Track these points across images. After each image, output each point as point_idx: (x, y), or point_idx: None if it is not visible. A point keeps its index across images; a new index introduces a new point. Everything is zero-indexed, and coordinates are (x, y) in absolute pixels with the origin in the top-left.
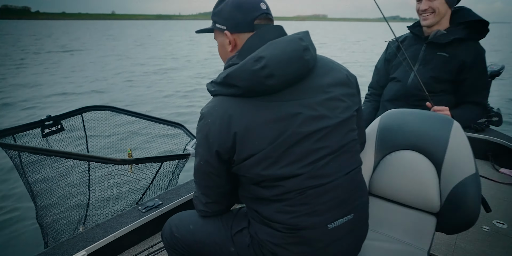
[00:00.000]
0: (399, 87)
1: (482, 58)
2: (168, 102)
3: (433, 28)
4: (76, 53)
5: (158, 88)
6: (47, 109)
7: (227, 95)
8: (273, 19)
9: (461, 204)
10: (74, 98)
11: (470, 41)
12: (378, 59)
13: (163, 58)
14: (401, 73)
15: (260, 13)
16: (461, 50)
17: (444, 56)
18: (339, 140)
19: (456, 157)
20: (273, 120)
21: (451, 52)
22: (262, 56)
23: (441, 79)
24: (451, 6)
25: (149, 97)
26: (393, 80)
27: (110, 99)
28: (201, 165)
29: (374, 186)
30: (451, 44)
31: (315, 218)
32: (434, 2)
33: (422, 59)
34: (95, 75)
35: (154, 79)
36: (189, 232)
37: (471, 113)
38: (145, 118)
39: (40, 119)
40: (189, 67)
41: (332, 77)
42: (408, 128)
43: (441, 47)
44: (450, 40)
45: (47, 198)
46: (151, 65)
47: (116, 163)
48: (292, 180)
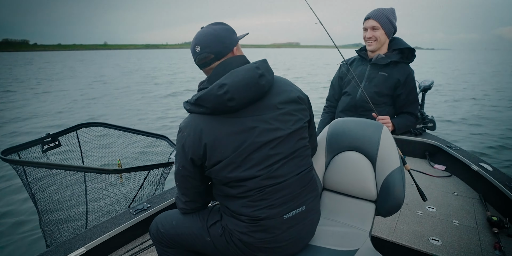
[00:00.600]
0: (350, 100)
1: (412, 78)
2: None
3: (375, 52)
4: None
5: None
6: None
7: (199, 113)
8: (207, 56)
9: (391, 191)
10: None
11: (402, 64)
12: (333, 76)
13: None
14: (351, 88)
15: (196, 55)
16: (396, 71)
17: (384, 75)
18: (291, 147)
19: (386, 154)
20: (235, 133)
21: (389, 72)
22: (224, 83)
23: (382, 93)
24: (389, 36)
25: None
26: (345, 94)
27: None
28: (179, 170)
29: (327, 181)
30: (388, 66)
31: (272, 210)
32: (376, 32)
33: (367, 77)
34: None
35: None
36: (172, 227)
37: (407, 121)
38: (132, 131)
39: (40, 137)
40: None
41: (285, 96)
42: (350, 133)
43: (381, 67)
44: (388, 62)
45: (49, 205)
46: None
47: (108, 172)
48: (252, 181)
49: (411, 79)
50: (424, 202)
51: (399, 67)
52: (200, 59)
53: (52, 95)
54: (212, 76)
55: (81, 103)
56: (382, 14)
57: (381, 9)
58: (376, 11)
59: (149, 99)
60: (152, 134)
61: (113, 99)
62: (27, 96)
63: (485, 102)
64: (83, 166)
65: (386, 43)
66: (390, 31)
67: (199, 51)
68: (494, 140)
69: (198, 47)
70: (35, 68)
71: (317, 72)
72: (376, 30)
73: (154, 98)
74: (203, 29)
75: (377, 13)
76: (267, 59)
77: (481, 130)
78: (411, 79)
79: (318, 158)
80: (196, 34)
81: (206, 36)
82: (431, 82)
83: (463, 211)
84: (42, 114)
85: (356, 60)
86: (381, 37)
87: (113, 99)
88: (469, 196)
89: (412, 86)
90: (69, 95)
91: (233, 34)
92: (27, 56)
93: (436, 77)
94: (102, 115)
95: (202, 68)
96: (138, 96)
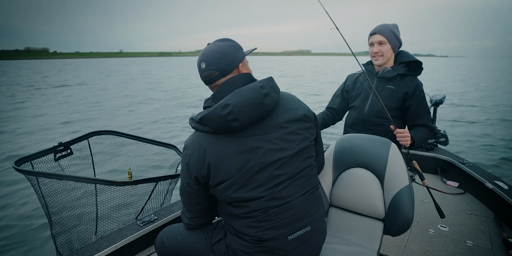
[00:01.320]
0: (357, 114)
1: (421, 89)
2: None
3: (382, 66)
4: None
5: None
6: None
7: (203, 131)
8: (212, 73)
9: (399, 210)
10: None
11: (409, 76)
12: (337, 88)
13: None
14: (359, 103)
15: (202, 72)
16: (404, 83)
17: (391, 88)
18: (296, 167)
19: (394, 171)
20: (239, 153)
21: (396, 85)
22: (228, 103)
23: (390, 107)
24: (395, 51)
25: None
26: (352, 108)
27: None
28: (184, 187)
29: (334, 198)
30: (395, 79)
31: (276, 232)
32: (383, 47)
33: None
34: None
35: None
36: (177, 242)
37: (423, 133)
38: (142, 140)
39: (53, 146)
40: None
41: (291, 115)
42: (357, 150)
43: (388, 81)
44: (395, 75)
45: (61, 214)
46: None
47: (117, 184)
48: (256, 201)
49: (420, 90)
50: (436, 220)
51: (406, 80)
52: (205, 76)
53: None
54: (217, 94)
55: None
56: (387, 29)
57: (385, 24)
58: (381, 26)
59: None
60: (161, 143)
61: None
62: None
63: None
64: (94, 178)
65: (392, 57)
66: (396, 46)
67: (204, 67)
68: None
69: (203, 64)
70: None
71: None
72: (383, 45)
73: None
74: (209, 46)
75: (382, 28)
76: (282, 64)
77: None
78: (420, 90)
79: (325, 174)
80: (202, 50)
81: (211, 53)
82: (443, 96)
83: (477, 231)
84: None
85: (363, 74)
86: (387, 52)
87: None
88: (484, 215)
89: (422, 97)
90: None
91: (239, 51)
92: (56, 63)
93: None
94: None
95: (207, 85)
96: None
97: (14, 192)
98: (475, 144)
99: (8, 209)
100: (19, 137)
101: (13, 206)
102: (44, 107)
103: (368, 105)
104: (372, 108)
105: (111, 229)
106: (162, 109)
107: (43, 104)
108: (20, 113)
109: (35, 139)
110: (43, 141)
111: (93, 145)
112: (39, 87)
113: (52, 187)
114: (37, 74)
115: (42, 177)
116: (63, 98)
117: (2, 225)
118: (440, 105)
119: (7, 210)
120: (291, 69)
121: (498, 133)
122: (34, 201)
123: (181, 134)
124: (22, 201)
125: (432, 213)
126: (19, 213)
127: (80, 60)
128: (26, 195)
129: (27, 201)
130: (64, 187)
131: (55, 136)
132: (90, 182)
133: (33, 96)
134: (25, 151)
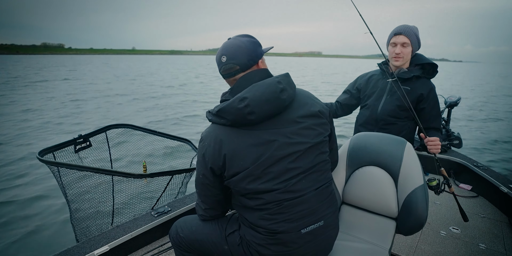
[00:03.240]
0: (370, 113)
1: (434, 93)
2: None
3: (399, 67)
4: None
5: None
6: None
7: (220, 124)
8: (232, 67)
9: (413, 210)
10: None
11: (424, 79)
12: (348, 84)
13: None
14: (372, 101)
15: (221, 67)
16: (419, 85)
17: (406, 89)
18: (310, 161)
19: (409, 171)
20: (255, 145)
21: (411, 86)
22: (245, 96)
23: (404, 107)
24: (413, 53)
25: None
26: (364, 107)
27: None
28: (200, 178)
29: (346, 196)
30: (410, 80)
31: (290, 224)
32: (406, 49)
33: (389, 90)
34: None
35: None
36: (191, 232)
37: (438, 137)
38: (157, 134)
39: (73, 138)
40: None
41: (306, 110)
42: (371, 148)
43: (403, 81)
44: (410, 76)
45: (79, 203)
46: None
47: (134, 177)
48: (270, 194)
49: (434, 94)
50: (448, 222)
51: (421, 81)
52: (225, 69)
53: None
54: (235, 88)
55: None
56: (411, 31)
57: (408, 25)
58: (405, 28)
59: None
60: (176, 137)
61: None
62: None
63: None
64: (111, 170)
65: (410, 58)
66: (416, 48)
67: (225, 61)
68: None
69: (224, 58)
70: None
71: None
72: (406, 47)
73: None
74: (230, 40)
75: (407, 30)
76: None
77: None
78: (434, 94)
79: (339, 172)
80: (223, 44)
81: (233, 47)
82: (458, 98)
83: (490, 235)
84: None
85: (376, 74)
86: (409, 54)
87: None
88: (497, 219)
89: (435, 101)
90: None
91: (259, 47)
92: (76, 59)
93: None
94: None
95: (226, 78)
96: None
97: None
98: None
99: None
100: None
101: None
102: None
103: (382, 104)
104: (386, 107)
105: (126, 218)
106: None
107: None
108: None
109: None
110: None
111: (110, 138)
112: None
113: (71, 177)
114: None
115: (63, 167)
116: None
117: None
118: (454, 107)
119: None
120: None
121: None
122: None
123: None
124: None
125: (444, 215)
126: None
127: (104, 56)
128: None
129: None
130: (83, 177)
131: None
132: (109, 173)
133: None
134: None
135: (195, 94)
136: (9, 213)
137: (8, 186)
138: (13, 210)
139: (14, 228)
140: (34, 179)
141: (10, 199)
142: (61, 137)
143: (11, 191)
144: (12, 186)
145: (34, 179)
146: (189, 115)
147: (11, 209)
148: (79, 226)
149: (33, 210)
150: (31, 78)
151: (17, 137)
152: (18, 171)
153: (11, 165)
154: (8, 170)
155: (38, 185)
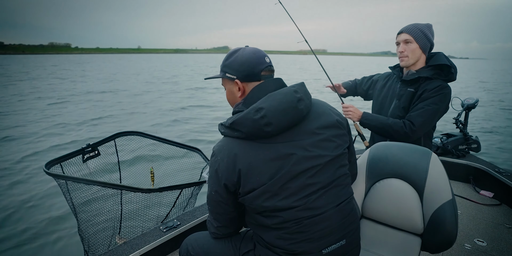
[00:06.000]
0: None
1: (437, 90)
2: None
3: (409, 68)
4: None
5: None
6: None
7: (233, 137)
8: (274, 70)
9: (441, 227)
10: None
11: (435, 80)
12: (368, 75)
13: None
14: (381, 106)
15: (265, 66)
16: (425, 86)
17: (411, 91)
18: (330, 176)
19: (435, 184)
20: (271, 159)
21: (417, 88)
22: (262, 107)
23: (408, 108)
24: (424, 51)
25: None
26: (374, 111)
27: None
28: (212, 194)
29: (366, 210)
30: (418, 81)
31: (310, 245)
32: (409, 46)
33: (398, 94)
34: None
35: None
36: (203, 251)
37: (389, 121)
38: (167, 142)
39: (81, 147)
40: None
41: (324, 121)
42: (393, 159)
43: (410, 83)
44: (415, 77)
45: (87, 215)
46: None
47: (143, 191)
48: (289, 211)
49: (437, 91)
50: (472, 234)
51: (432, 83)
52: (267, 70)
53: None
54: (248, 98)
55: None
56: (415, 28)
57: (415, 23)
58: (409, 25)
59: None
60: (185, 146)
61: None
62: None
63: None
64: (119, 184)
65: (421, 59)
66: (426, 46)
67: (269, 62)
68: None
69: (267, 58)
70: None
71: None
72: (408, 44)
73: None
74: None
75: (410, 27)
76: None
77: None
78: (437, 91)
79: (358, 184)
80: (259, 49)
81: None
82: (476, 100)
83: None
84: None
85: (393, 77)
86: (415, 52)
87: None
88: None
89: (432, 97)
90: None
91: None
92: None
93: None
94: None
95: (250, 81)
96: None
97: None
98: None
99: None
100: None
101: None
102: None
103: (391, 108)
104: (394, 111)
105: (134, 229)
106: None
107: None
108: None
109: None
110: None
111: (119, 146)
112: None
113: (79, 190)
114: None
115: (70, 181)
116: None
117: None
118: (472, 110)
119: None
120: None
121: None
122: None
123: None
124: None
125: (467, 225)
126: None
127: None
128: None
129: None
130: (91, 189)
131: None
132: (116, 188)
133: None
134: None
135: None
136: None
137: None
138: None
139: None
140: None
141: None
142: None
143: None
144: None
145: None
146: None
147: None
148: (87, 238)
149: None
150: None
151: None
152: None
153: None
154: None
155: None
